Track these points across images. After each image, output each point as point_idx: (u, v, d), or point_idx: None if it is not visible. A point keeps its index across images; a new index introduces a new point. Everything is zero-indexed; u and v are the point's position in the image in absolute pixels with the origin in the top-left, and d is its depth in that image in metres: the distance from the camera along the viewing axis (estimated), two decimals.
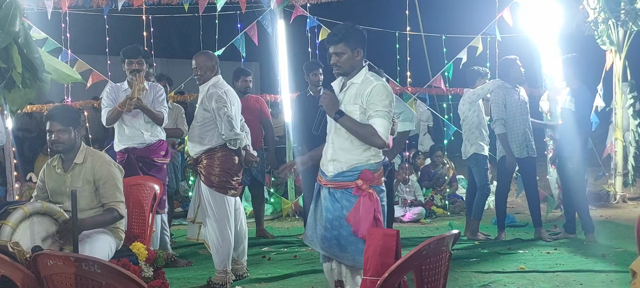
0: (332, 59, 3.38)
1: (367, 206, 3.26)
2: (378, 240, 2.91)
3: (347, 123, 3.31)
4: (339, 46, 3.34)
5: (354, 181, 3.31)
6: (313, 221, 3.49)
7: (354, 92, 3.34)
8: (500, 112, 5.82)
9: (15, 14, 4.03)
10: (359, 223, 3.24)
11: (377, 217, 3.28)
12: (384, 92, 3.29)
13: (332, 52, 3.37)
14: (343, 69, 3.38)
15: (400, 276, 2.46)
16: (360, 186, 3.29)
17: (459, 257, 5.25)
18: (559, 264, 5.03)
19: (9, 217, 3.25)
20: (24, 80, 4.19)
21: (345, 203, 3.32)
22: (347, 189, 3.32)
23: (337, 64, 3.37)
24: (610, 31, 7.48)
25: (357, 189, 3.29)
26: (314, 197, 3.53)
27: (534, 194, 6.05)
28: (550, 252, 5.46)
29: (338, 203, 3.33)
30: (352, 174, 3.32)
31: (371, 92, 3.28)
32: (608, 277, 4.56)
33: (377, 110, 3.26)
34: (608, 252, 5.26)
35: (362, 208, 3.26)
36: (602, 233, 6.04)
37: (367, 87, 3.31)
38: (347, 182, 3.32)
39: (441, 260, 2.53)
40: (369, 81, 3.34)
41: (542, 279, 4.61)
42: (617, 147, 7.79)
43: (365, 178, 3.30)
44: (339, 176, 3.35)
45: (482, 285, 4.51)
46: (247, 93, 6.40)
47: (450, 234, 2.57)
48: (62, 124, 3.69)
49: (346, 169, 3.33)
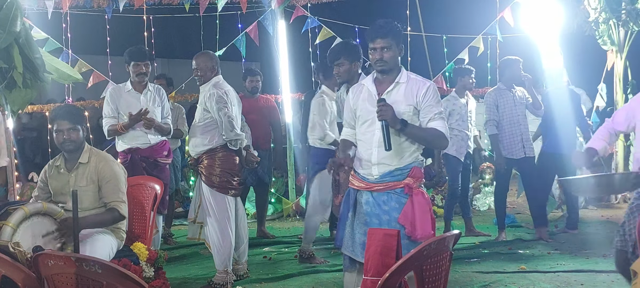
0: (376, 54, 3.16)
1: (423, 205, 3.11)
2: (379, 240, 2.90)
3: (414, 131, 3.15)
4: (386, 40, 3.14)
5: (402, 180, 3.15)
6: (351, 230, 3.27)
7: (403, 92, 3.18)
8: (492, 114, 5.88)
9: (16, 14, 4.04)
10: (415, 223, 3.08)
11: (432, 216, 3.14)
12: (437, 94, 3.19)
13: (377, 46, 3.16)
14: (388, 65, 3.18)
15: (401, 276, 2.46)
16: (411, 185, 3.13)
17: (460, 257, 5.24)
18: (560, 264, 5.03)
19: (9, 217, 3.25)
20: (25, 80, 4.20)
21: (394, 205, 3.13)
22: (395, 190, 3.14)
23: (382, 59, 3.16)
24: (611, 31, 7.47)
25: (408, 188, 3.13)
26: (349, 205, 3.30)
27: (533, 194, 6.05)
28: (551, 252, 5.46)
29: (386, 205, 3.15)
30: (401, 173, 3.16)
31: (426, 93, 3.15)
32: (609, 277, 4.55)
33: (436, 113, 3.14)
34: (609, 252, 5.25)
35: (417, 207, 3.10)
36: (603, 234, 6.03)
37: (419, 87, 3.17)
38: (396, 182, 3.15)
39: (442, 260, 2.53)
40: (417, 81, 3.20)
41: (543, 279, 4.61)
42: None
43: (416, 176, 3.15)
44: (387, 176, 3.17)
45: (483, 285, 4.51)
46: (255, 93, 6.37)
47: (451, 234, 2.57)
48: (72, 123, 3.69)
49: (395, 169, 3.17)
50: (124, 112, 4.93)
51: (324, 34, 7.45)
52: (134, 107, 4.93)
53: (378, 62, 3.17)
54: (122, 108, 4.95)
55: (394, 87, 3.21)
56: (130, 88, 5.02)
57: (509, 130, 5.88)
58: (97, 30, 8.71)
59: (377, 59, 3.17)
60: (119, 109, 4.95)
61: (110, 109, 4.96)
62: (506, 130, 5.88)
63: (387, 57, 3.16)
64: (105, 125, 4.96)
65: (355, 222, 3.27)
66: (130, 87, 5.02)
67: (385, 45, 3.15)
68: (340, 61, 4.64)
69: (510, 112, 5.87)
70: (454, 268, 4.79)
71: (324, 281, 4.73)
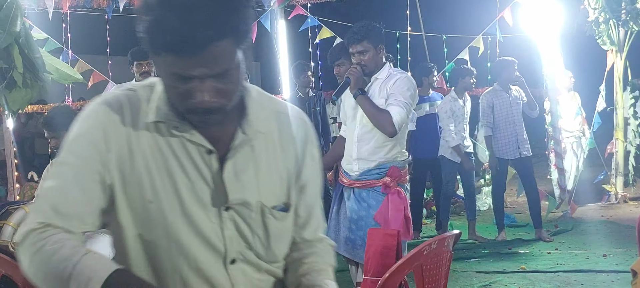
0: (355, 58, 3.28)
1: (397, 204, 3.17)
2: (379, 240, 2.90)
3: (366, 103, 3.22)
4: (362, 44, 3.24)
5: (381, 179, 3.21)
6: (336, 224, 3.38)
7: (379, 86, 3.27)
8: (487, 116, 5.91)
9: (16, 14, 4.04)
10: (389, 222, 3.14)
11: (407, 215, 3.19)
12: (407, 84, 3.22)
13: (355, 51, 3.27)
14: (368, 68, 3.28)
15: (401, 276, 2.46)
16: (388, 184, 3.19)
17: (460, 257, 5.24)
18: (559, 264, 5.03)
19: (10, 217, 3.25)
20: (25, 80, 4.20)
21: (372, 203, 3.22)
22: (374, 188, 3.23)
23: (361, 63, 3.26)
24: (611, 31, 7.47)
25: (385, 187, 3.19)
26: (336, 200, 3.42)
27: (533, 194, 6.05)
28: (551, 252, 5.46)
29: (365, 202, 3.23)
30: (380, 172, 3.23)
31: (395, 82, 3.21)
32: (609, 277, 4.56)
33: (397, 99, 3.18)
34: (609, 252, 5.26)
35: (392, 206, 3.16)
36: (603, 234, 6.04)
37: (393, 79, 3.24)
38: (374, 180, 3.23)
39: (442, 260, 2.53)
40: (394, 75, 3.27)
41: (543, 279, 4.61)
42: (618, 147, 7.79)
43: (393, 176, 3.20)
44: (365, 174, 3.26)
45: (483, 285, 4.51)
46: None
47: (451, 234, 2.57)
48: (57, 129, 3.65)
49: (373, 167, 3.24)
50: None
51: (324, 33, 7.45)
52: None
53: (358, 65, 3.28)
54: None
55: (372, 83, 3.31)
56: None
57: (504, 130, 5.89)
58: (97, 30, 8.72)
59: (356, 63, 3.28)
60: None
61: None
62: (502, 131, 5.90)
63: (366, 60, 3.26)
64: None
65: (340, 217, 3.36)
66: None
67: (361, 49, 3.25)
68: (341, 61, 4.64)
69: (507, 112, 5.89)
70: (454, 268, 4.79)
71: None
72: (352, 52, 3.30)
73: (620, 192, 7.76)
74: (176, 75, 1.15)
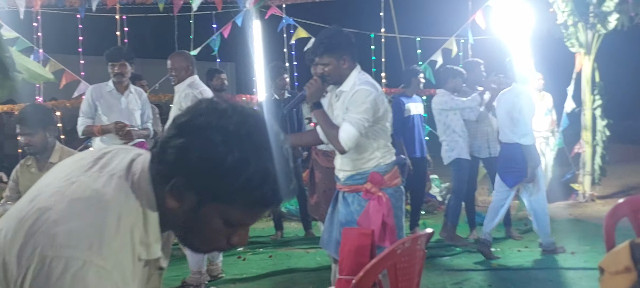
0: (318, 69, 3.28)
1: (376, 209, 3.20)
2: (353, 239, 2.94)
3: (320, 117, 3.27)
4: (322, 58, 3.25)
5: (363, 185, 3.25)
6: (330, 225, 3.43)
7: (342, 99, 3.28)
8: None
9: None
10: (371, 226, 3.17)
11: (385, 221, 3.20)
12: (361, 98, 3.16)
13: (318, 63, 3.28)
14: (332, 79, 3.29)
15: (375, 275, 2.50)
16: (369, 189, 3.23)
17: (433, 256, 5.31)
18: (529, 262, 5.14)
19: None
20: None
21: (356, 207, 3.27)
22: (358, 193, 3.27)
23: (323, 75, 3.27)
24: (579, 34, 7.64)
25: (366, 193, 3.24)
26: (333, 201, 3.47)
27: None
28: (521, 250, 5.56)
29: (350, 207, 3.29)
30: (361, 177, 3.27)
31: (353, 96, 3.19)
32: (577, 274, 4.67)
33: (349, 116, 3.16)
34: (577, 250, 5.39)
35: (372, 211, 3.20)
36: (571, 232, 6.17)
37: (352, 91, 3.23)
38: (357, 185, 3.28)
39: (415, 259, 2.57)
40: (355, 85, 3.24)
41: (513, 277, 4.71)
42: (585, 147, 7.96)
43: (374, 181, 3.24)
44: (349, 180, 3.31)
45: (455, 283, 4.58)
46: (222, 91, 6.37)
47: (424, 233, 2.62)
48: (31, 127, 3.63)
49: (355, 173, 3.28)
50: (104, 112, 4.88)
51: (299, 33, 7.47)
52: (114, 108, 4.88)
53: (322, 77, 3.29)
54: (102, 108, 4.89)
55: (339, 96, 3.31)
56: (111, 88, 4.96)
57: (474, 130, 5.98)
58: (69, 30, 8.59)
59: (319, 74, 3.29)
60: (98, 109, 4.90)
61: (88, 108, 4.90)
62: (472, 130, 5.98)
63: (328, 72, 3.26)
64: (81, 124, 4.89)
65: (334, 219, 3.41)
66: (111, 87, 4.96)
67: (323, 62, 3.26)
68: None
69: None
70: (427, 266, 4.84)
71: (298, 281, 4.76)
72: (315, 62, 3.30)
73: (588, 191, 7.94)
74: (238, 222, 1.22)
